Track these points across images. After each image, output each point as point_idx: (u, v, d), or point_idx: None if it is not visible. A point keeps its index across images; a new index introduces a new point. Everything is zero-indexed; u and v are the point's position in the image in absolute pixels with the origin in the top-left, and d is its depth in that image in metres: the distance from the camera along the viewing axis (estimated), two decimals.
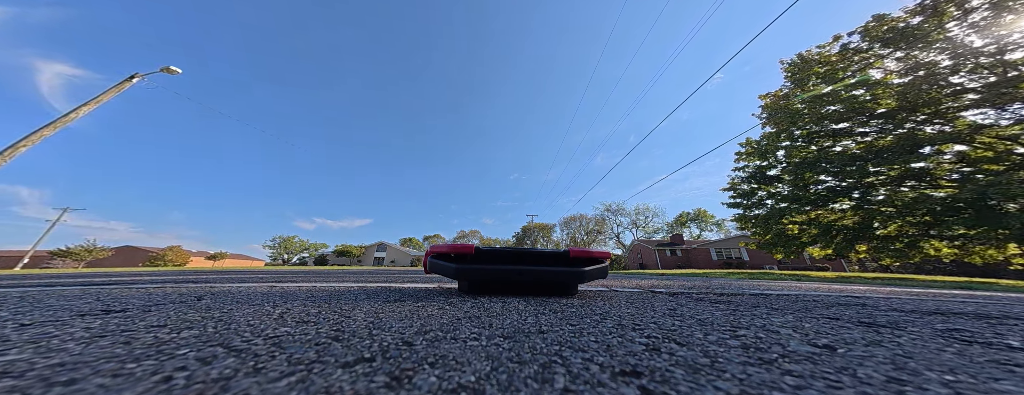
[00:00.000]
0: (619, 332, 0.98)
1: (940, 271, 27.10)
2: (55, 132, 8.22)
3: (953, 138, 9.11)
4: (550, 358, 0.71)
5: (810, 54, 12.59)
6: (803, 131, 11.95)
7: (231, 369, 0.61)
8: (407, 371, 0.61)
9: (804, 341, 0.91)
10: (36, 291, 2.15)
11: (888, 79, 10.37)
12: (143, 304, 1.49)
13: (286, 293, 2.04)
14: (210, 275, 5.09)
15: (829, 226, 11.21)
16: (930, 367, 0.70)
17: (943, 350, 0.85)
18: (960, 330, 1.14)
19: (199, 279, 3.71)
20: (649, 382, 0.58)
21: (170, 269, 12.59)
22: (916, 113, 9.81)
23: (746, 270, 17.16)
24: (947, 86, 9.39)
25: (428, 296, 1.91)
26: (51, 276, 5.36)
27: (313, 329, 0.96)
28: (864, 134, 11.05)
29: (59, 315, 1.20)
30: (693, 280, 5.32)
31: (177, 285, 2.68)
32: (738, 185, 13.83)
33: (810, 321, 1.26)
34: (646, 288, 2.94)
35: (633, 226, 57.30)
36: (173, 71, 9.96)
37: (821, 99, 11.34)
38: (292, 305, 1.48)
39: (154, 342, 0.80)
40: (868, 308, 1.72)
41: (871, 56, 10.93)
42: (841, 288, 3.67)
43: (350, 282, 3.38)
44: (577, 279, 1.91)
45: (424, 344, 0.80)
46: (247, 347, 0.76)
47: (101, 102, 9.12)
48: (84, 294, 1.92)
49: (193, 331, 0.93)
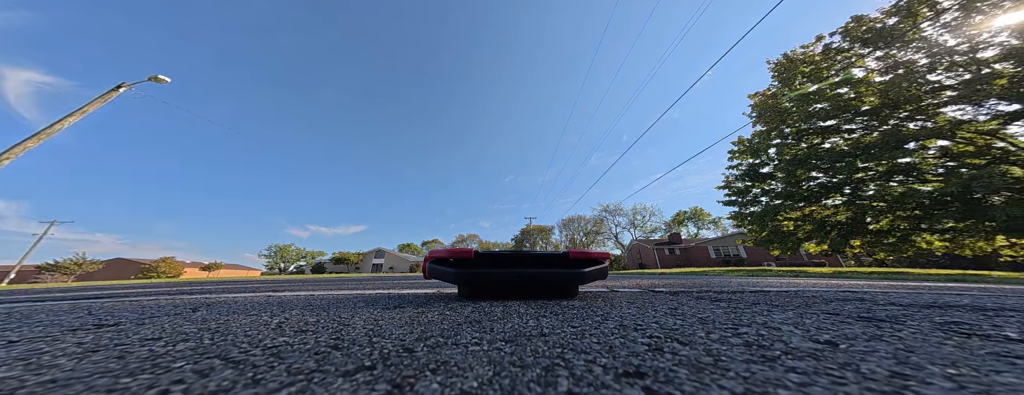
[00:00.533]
0: (621, 333, 0.98)
1: (933, 264, 27.48)
2: (39, 144, 8.09)
3: (935, 133, 9.32)
4: (553, 361, 0.70)
5: (795, 54, 12.85)
6: (792, 129, 12.15)
7: (229, 381, 0.60)
8: (408, 378, 0.60)
9: (806, 337, 0.92)
10: (24, 307, 2.09)
11: (870, 77, 10.61)
12: (137, 317, 1.46)
13: (284, 302, 2.01)
14: (205, 286, 5.01)
15: (823, 222, 11.36)
16: (932, 361, 0.70)
17: (943, 343, 0.86)
18: (958, 323, 1.15)
19: (194, 290, 3.64)
20: (653, 382, 0.57)
21: (164, 281, 12.37)
22: (899, 110, 10.04)
23: (745, 267, 17.26)
24: (926, 84, 9.63)
25: (428, 302, 1.90)
26: (40, 291, 5.23)
27: (312, 338, 0.95)
28: (851, 131, 11.26)
29: (49, 331, 1.17)
30: (693, 279, 5.33)
31: (171, 297, 2.63)
32: (732, 183, 13.97)
33: (811, 317, 1.26)
34: (646, 288, 2.95)
35: (631, 226, 57.54)
36: (161, 80, 9.88)
37: (808, 98, 11.55)
38: (290, 314, 1.46)
39: (149, 356, 0.78)
40: (867, 303, 1.73)
41: (853, 55, 11.20)
42: (839, 283, 3.70)
43: (348, 289, 3.34)
44: (577, 280, 1.91)
45: (425, 350, 0.79)
46: (245, 358, 0.75)
47: (87, 113, 9.01)
48: (75, 308, 1.88)
49: (189, 343, 0.91)
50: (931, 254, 14.16)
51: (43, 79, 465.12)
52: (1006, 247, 10.09)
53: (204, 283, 6.88)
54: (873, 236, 10.82)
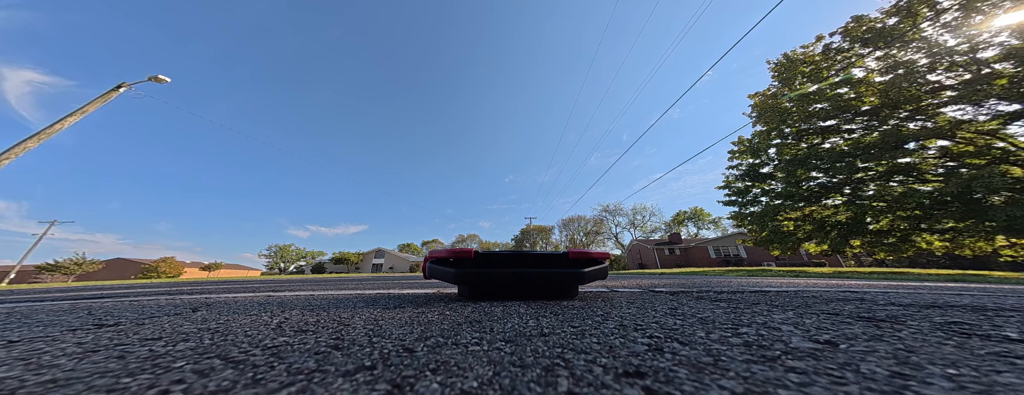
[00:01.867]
0: (621, 333, 0.98)
1: (933, 264, 27.49)
2: (39, 144, 8.10)
3: (935, 133, 9.33)
4: (553, 361, 0.70)
5: (795, 54, 12.86)
6: (792, 129, 12.16)
7: (229, 381, 0.60)
8: (409, 378, 0.60)
9: (806, 337, 0.92)
10: (24, 307, 2.09)
11: (870, 78, 10.62)
12: (137, 317, 1.46)
13: (284, 302, 2.01)
14: (205, 286, 5.01)
15: (823, 222, 11.36)
16: (932, 361, 0.70)
17: (943, 343, 0.86)
18: (958, 323, 1.15)
19: (194, 290, 3.65)
20: (653, 382, 0.57)
21: (164, 281, 12.38)
22: (898, 110, 10.05)
23: (744, 267, 17.26)
24: (926, 84, 9.64)
25: (428, 302, 1.90)
26: (40, 291, 5.24)
27: (312, 338, 0.95)
28: (851, 131, 11.27)
29: (49, 331, 1.17)
30: (693, 279, 5.33)
31: (171, 297, 2.63)
32: (732, 183, 13.98)
33: (811, 317, 1.26)
34: (646, 288, 2.95)
35: (631, 226, 57.54)
36: (162, 80, 9.88)
37: (808, 98, 11.57)
38: (290, 314, 1.46)
39: (149, 356, 0.78)
40: (867, 303, 1.73)
41: (852, 56, 11.21)
42: (839, 283, 3.70)
43: (348, 290, 3.34)
44: (577, 280, 1.90)
45: (425, 350, 0.79)
46: (245, 358, 0.75)
47: (86, 113, 9.01)
48: (75, 308, 1.88)
49: (189, 343, 0.91)
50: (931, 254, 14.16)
51: (43, 79, 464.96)
52: (1006, 247, 10.09)
53: (204, 283, 6.88)
54: (873, 236, 10.83)
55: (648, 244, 35.59)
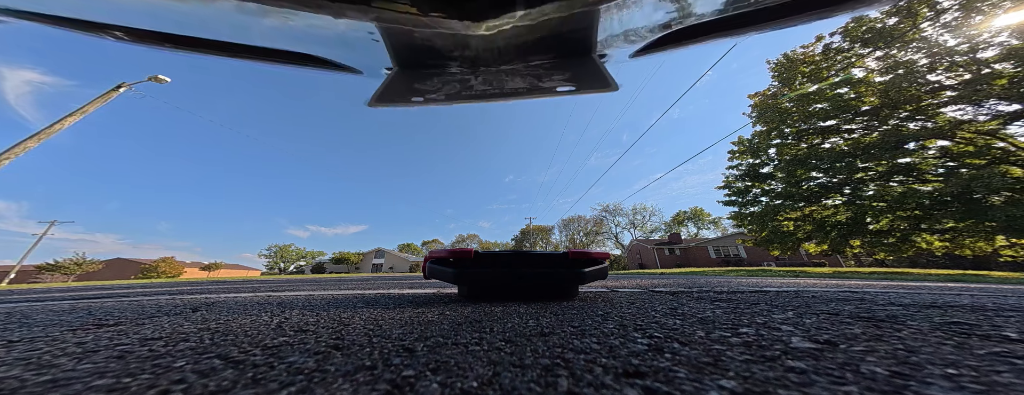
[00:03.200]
0: (621, 333, 0.98)
1: (933, 265, 27.50)
2: (39, 144, 8.10)
3: (935, 134, 9.33)
4: (553, 361, 0.70)
5: (795, 54, 12.86)
6: (792, 129, 12.16)
7: (229, 381, 0.60)
8: (409, 378, 0.60)
9: (806, 337, 0.92)
10: (24, 307, 2.10)
11: (870, 78, 10.62)
12: (137, 317, 1.46)
13: (284, 302, 2.01)
14: (205, 286, 5.01)
15: (823, 222, 11.36)
16: (932, 361, 0.70)
17: (943, 343, 0.86)
18: (958, 323, 1.15)
19: (194, 290, 3.65)
20: (653, 382, 0.57)
21: (164, 281, 12.38)
22: (898, 110, 10.06)
23: (744, 267, 17.26)
24: (926, 84, 9.65)
25: (428, 302, 1.90)
26: (40, 291, 5.24)
27: (312, 338, 0.95)
28: (851, 131, 11.27)
29: (49, 331, 1.17)
30: (692, 279, 5.33)
31: (171, 297, 2.64)
32: (732, 183, 13.97)
33: (810, 317, 1.26)
34: (646, 288, 2.95)
35: (631, 226, 57.57)
36: (161, 80, 9.89)
37: (808, 98, 11.57)
38: (290, 314, 1.46)
39: (149, 356, 0.78)
40: (867, 303, 1.73)
41: (852, 55, 11.22)
42: (839, 283, 3.70)
43: (348, 290, 3.34)
44: (577, 280, 1.91)
45: (425, 350, 0.80)
46: (245, 358, 0.75)
47: (86, 113, 9.02)
48: (75, 308, 1.88)
49: (189, 343, 0.91)
50: (931, 254, 14.17)
51: (43, 79, 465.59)
52: (1006, 247, 10.09)
53: (204, 283, 6.88)
54: (873, 236, 10.83)
55: (648, 244, 35.59)
